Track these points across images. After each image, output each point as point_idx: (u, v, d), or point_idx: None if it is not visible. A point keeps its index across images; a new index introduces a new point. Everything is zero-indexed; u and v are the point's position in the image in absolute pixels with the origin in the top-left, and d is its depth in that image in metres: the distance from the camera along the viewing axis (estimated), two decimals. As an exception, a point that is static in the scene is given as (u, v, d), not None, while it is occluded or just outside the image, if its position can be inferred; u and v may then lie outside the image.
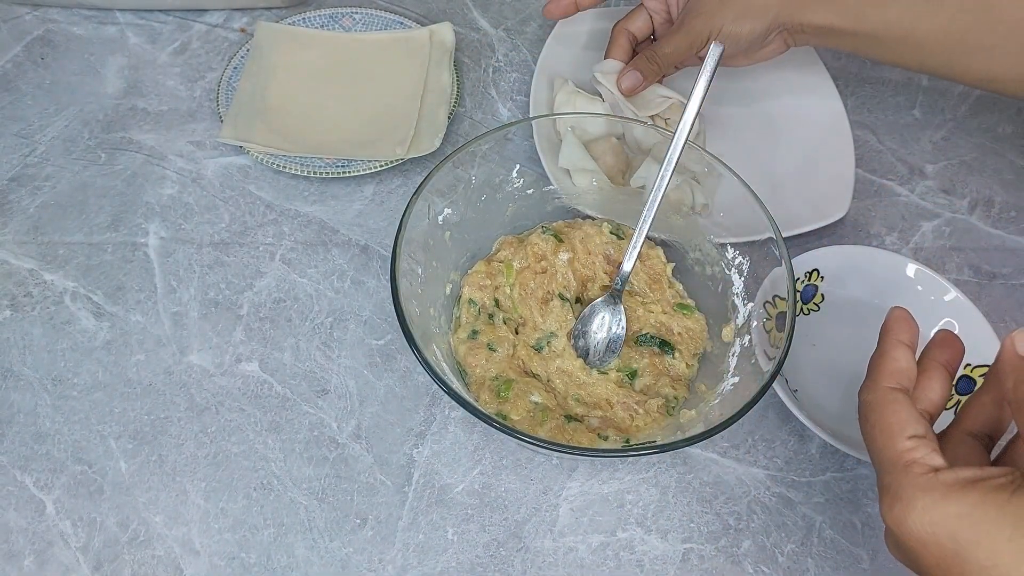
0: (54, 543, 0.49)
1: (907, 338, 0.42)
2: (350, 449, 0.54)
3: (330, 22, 0.76)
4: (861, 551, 0.52)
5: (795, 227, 0.61)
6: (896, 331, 0.43)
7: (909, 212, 0.69)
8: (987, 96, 0.78)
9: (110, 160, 0.67)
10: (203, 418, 0.54)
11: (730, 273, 0.55)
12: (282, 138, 0.66)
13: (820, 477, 0.54)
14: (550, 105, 0.69)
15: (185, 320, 0.58)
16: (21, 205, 0.64)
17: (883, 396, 0.40)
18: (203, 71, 0.73)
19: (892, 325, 0.43)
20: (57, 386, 0.55)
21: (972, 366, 0.56)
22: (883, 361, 0.42)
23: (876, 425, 0.39)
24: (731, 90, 0.72)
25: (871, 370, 0.42)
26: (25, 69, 0.73)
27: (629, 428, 0.52)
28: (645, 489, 0.53)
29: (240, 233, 0.63)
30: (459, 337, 0.55)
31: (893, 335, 0.42)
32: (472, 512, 0.52)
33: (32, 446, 0.53)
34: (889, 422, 0.39)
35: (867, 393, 0.41)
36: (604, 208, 0.61)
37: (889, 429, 0.38)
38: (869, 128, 0.74)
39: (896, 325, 0.43)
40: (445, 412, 0.56)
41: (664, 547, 0.51)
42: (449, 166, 0.53)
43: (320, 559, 0.50)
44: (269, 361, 0.57)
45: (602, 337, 0.55)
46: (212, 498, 0.51)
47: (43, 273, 0.60)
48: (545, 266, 0.57)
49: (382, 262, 0.62)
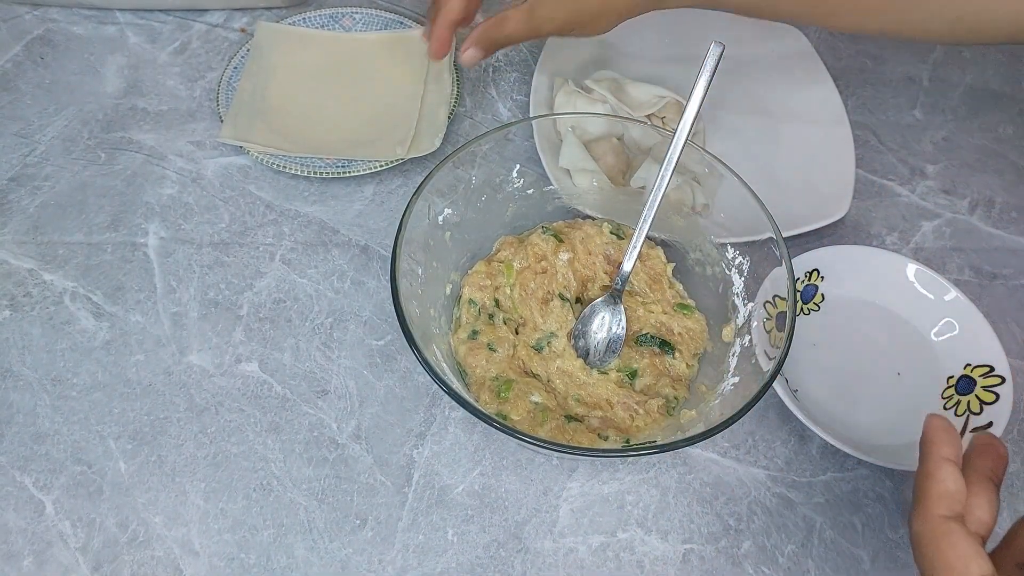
0: (53, 543, 0.49)
1: (951, 453, 0.40)
2: (350, 450, 0.54)
3: (330, 22, 0.76)
4: (862, 552, 0.52)
5: (795, 227, 0.61)
6: (939, 446, 0.40)
7: (909, 212, 0.69)
8: (988, 96, 0.78)
9: (110, 160, 0.67)
10: (203, 418, 0.54)
11: (730, 273, 0.55)
12: (282, 138, 0.66)
13: (820, 477, 0.54)
14: (550, 105, 0.69)
15: (185, 320, 0.58)
16: (21, 205, 0.64)
17: (938, 527, 0.37)
18: (203, 71, 0.73)
19: (933, 438, 0.41)
20: (56, 386, 0.55)
21: (972, 366, 0.56)
22: (931, 484, 0.39)
23: (935, 563, 0.37)
24: (731, 90, 0.72)
25: (920, 496, 0.40)
26: (25, 69, 0.73)
27: (629, 428, 0.52)
28: (645, 490, 0.53)
29: (240, 233, 0.63)
30: (459, 337, 0.55)
31: (936, 452, 0.40)
32: (472, 513, 0.52)
33: (31, 446, 0.53)
34: (949, 560, 0.36)
35: (919, 523, 0.39)
36: (604, 208, 0.61)
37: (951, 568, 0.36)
38: (869, 128, 0.74)
39: (937, 438, 0.40)
40: (445, 412, 0.56)
41: (664, 548, 0.51)
42: (449, 166, 0.53)
43: (320, 560, 0.49)
44: (269, 361, 0.57)
45: (602, 337, 0.55)
46: (212, 499, 0.51)
47: (42, 273, 0.60)
48: (545, 266, 0.57)
49: (382, 262, 0.62)
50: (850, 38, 0.82)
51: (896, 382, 0.58)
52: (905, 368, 0.58)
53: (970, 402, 0.55)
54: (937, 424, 0.41)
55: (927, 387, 0.57)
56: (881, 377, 0.58)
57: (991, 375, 0.55)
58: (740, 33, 0.78)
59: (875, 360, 0.59)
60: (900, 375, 0.58)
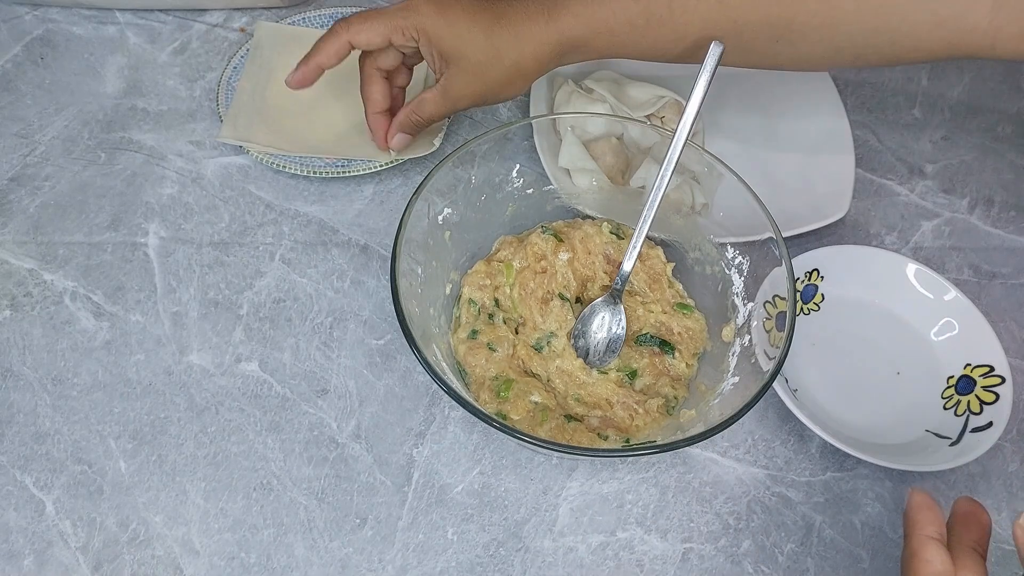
0: (54, 543, 0.49)
1: (935, 531, 0.39)
2: (350, 449, 0.54)
3: (330, 22, 0.76)
4: (861, 551, 0.52)
5: (795, 227, 0.61)
6: (922, 524, 0.40)
7: (909, 212, 0.69)
8: (987, 96, 0.78)
9: (110, 160, 0.67)
10: (203, 418, 0.54)
11: (730, 273, 0.55)
12: (282, 138, 0.66)
13: (820, 477, 0.54)
14: (550, 105, 0.69)
15: (185, 320, 0.58)
16: (21, 205, 0.64)
17: None
18: (203, 71, 0.73)
19: (916, 517, 0.40)
20: (57, 386, 0.55)
21: (972, 366, 0.56)
22: (917, 565, 0.39)
23: None
24: (731, 90, 0.72)
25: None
26: (25, 69, 0.73)
27: (629, 428, 0.52)
28: (645, 489, 0.53)
29: (240, 233, 0.63)
30: (459, 337, 0.55)
31: (919, 530, 0.40)
32: (472, 512, 0.52)
33: (32, 446, 0.53)
34: None
35: None
36: (604, 208, 0.61)
37: None
38: (869, 128, 0.74)
39: (920, 516, 0.40)
40: (445, 412, 0.56)
41: (664, 547, 0.51)
42: (449, 166, 0.53)
43: (320, 559, 0.50)
44: (269, 361, 0.57)
45: (602, 337, 0.55)
46: (212, 498, 0.51)
47: (43, 273, 0.60)
48: (545, 266, 0.57)
49: (382, 262, 0.62)
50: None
51: (896, 382, 0.58)
52: (905, 368, 0.58)
53: (970, 402, 0.55)
54: (920, 502, 0.41)
55: (927, 387, 0.57)
56: (881, 377, 0.58)
57: (991, 375, 0.55)
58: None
59: (875, 360, 0.59)
60: (900, 375, 0.58)
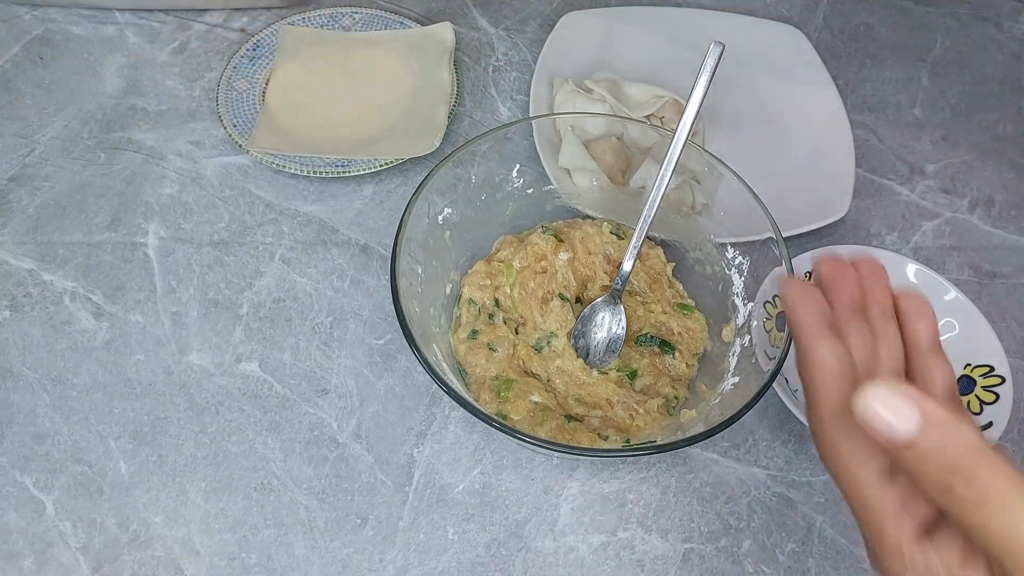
0: (54, 544, 0.49)
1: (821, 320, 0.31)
2: (350, 449, 0.54)
3: (330, 22, 0.76)
4: (861, 551, 0.52)
5: (795, 227, 0.61)
6: (802, 318, 0.31)
7: (909, 211, 0.69)
8: (987, 96, 0.78)
9: (109, 160, 0.67)
10: (203, 418, 0.54)
11: (730, 273, 0.55)
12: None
13: (820, 477, 0.54)
14: (550, 105, 0.69)
15: (185, 320, 0.58)
16: (20, 205, 0.64)
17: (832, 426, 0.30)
18: (202, 71, 0.73)
19: (795, 312, 0.32)
20: (56, 386, 0.55)
21: (972, 366, 0.56)
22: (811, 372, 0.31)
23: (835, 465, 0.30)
24: (731, 90, 0.72)
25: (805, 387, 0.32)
26: (24, 69, 0.72)
27: (629, 428, 0.52)
28: (646, 489, 0.53)
29: (240, 233, 0.63)
30: (459, 337, 0.55)
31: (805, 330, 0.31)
32: (473, 512, 0.52)
33: (32, 446, 0.53)
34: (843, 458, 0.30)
35: (814, 422, 0.32)
36: (604, 208, 0.61)
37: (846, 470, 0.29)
38: (869, 127, 0.74)
39: (799, 311, 0.31)
40: (445, 412, 0.56)
41: (665, 547, 0.51)
42: (449, 165, 0.53)
43: (320, 559, 0.50)
44: (269, 361, 0.57)
45: (602, 337, 0.55)
46: (212, 498, 0.51)
47: (42, 273, 0.60)
48: (545, 266, 0.57)
49: (382, 262, 0.62)
50: (850, 37, 0.82)
51: (896, 381, 0.58)
52: (905, 367, 0.58)
53: (970, 402, 0.55)
54: (795, 296, 0.32)
55: (927, 386, 0.57)
56: (881, 376, 0.58)
57: (991, 375, 0.55)
58: (740, 33, 0.78)
59: (875, 359, 0.58)
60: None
